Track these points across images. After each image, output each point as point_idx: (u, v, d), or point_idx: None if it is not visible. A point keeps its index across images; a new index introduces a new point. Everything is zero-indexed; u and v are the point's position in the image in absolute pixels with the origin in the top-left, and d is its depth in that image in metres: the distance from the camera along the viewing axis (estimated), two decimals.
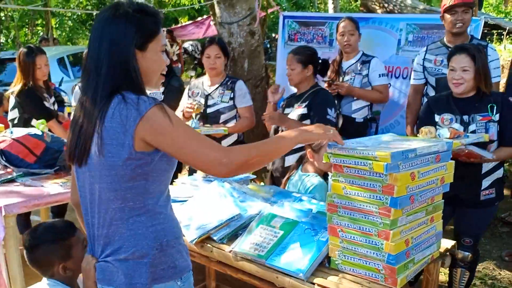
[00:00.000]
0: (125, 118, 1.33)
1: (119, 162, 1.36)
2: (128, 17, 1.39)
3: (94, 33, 1.43)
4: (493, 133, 2.50)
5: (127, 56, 1.38)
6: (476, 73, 2.48)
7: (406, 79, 3.89)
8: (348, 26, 3.56)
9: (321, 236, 1.84)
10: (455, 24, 3.04)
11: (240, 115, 3.36)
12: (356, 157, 1.60)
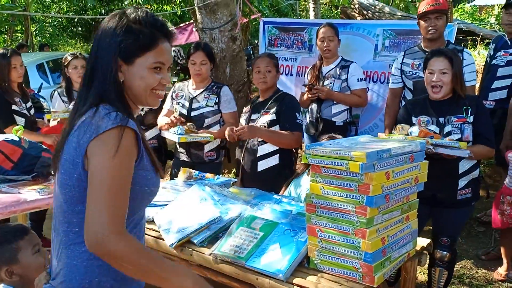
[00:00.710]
0: (83, 133, 1.22)
1: (69, 182, 1.26)
2: (119, 26, 1.28)
3: (94, 39, 1.35)
4: (468, 134, 2.56)
5: (107, 66, 1.28)
6: (453, 76, 2.55)
7: (384, 84, 3.96)
8: (328, 32, 3.61)
9: (300, 236, 1.87)
10: (429, 30, 3.13)
11: (225, 121, 3.36)
12: (333, 158, 1.63)
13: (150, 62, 1.31)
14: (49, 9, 17.82)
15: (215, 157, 3.40)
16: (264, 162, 3.03)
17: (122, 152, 1.20)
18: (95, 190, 1.18)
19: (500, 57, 3.52)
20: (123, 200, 1.20)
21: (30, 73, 7.40)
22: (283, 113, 3.07)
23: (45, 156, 2.99)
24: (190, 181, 2.65)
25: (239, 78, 4.94)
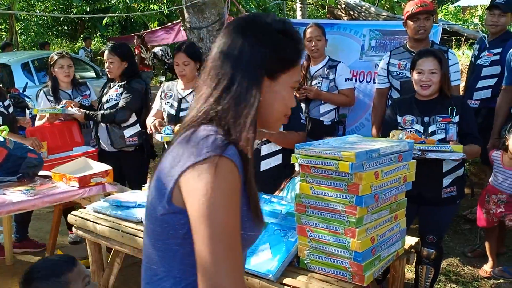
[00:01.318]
0: (178, 159, 1.01)
1: (152, 212, 1.08)
2: (267, 33, 1.08)
3: (220, 42, 1.10)
4: (452, 134, 2.60)
5: (250, 80, 1.05)
6: (442, 76, 2.58)
7: (370, 83, 4.00)
8: (315, 31, 3.63)
9: (290, 236, 1.87)
10: (418, 30, 3.16)
11: None
12: (323, 158, 1.64)
13: (293, 80, 1.12)
14: (34, 8, 17.57)
15: None
16: (267, 162, 2.97)
17: (226, 189, 0.98)
18: (204, 237, 0.96)
19: (484, 57, 3.57)
20: (238, 249, 0.99)
21: (15, 72, 7.29)
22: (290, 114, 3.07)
23: (30, 156, 2.96)
24: None
25: None
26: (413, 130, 2.62)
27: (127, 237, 2.22)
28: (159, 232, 1.06)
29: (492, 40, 3.58)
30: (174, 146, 1.06)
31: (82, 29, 20.55)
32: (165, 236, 1.05)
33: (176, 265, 1.06)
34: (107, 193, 2.89)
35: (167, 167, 1.04)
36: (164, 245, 1.06)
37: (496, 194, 3.14)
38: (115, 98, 3.58)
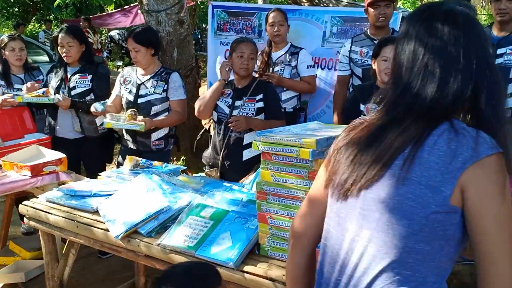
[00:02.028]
0: (453, 154, 0.97)
1: (419, 211, 0.99)
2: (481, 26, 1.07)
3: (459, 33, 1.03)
4: None
5: (491, 75, 1.02)
6: None
7: (331, 70, 4.01)
8: (278, 16, 3.60)
9: (250, 224, 1.86)
10: (378, 18, 3.18)
11: (171, 108, 3.25)
12: (284, 145, 1.62)
13: None
14: None
15: (163, 146, 3.30)
16: (251, 151, 2.94)
17: (506, 185, 0.95)
18: (502, 242, 0.94)
19: None
20: None
21: None
22: (269, 101, 3.03)
23: None
24: (137, 169, 2.56)
25: (187, 63, 4.84)
26: None
27: (82, 227, 2.14)
28: (426, 233, 0.99)
29: None
30: (436, 138, 1.00)
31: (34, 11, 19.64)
32: (432, 237, 0.98)
33: (433, 269, 1.00)
34: (61, 182, 2.78)
35: (436, 162, 0.98)
36: (426, 246, 0.99)
37: None
38: (84, 85, 3.42)
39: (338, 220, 1.12)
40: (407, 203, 1.00)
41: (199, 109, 3.11)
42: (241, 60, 2.98)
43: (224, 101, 3.08)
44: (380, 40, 2.83)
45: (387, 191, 1.02)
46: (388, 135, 1.06)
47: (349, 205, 1.10)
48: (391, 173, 1.03)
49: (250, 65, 3.01)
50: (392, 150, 1.04)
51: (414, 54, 1.06)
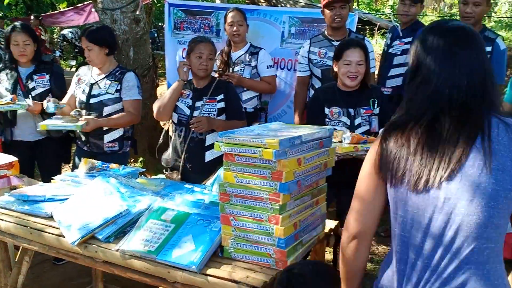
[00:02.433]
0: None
1: (503, 193, 1.18)
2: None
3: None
4: (375, 126, 2.69)
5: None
6: (367, 67, 2.64)
7: (291, 71, 4.04)
8: (237, 16, 3.58)
9: (213, 226, 1.83)
10: (334, 19, 3.23)
11: (124, 109, 3.15)
12: (246, 145, 1.61)
13: None
14: None
15: (118, 148, 3.20)
16: (213, 152, 2.90)
17: None
18: None
19: (396, 46, 3.74)
20: None
21: None
22: (230, 101, 3.00)
23: None
24: (93, 172, 2.47)
25: (144, 62, 4.74)
26: (340, 123, 2.67)
27: (36, 234, 2.05)
28: (505, 210, 1.19)
29: (403, 30, 3.76)
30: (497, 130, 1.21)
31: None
32: (506, 213, 1.20)
33: (501, 240, 1.22)
34: (13, 187, 2.64)
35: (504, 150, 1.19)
36: (502, 221, 1.20)
37: None
38: (44, 85, 3.28)
39: (418, 211, 1.24)
40: (493, 188, 1.18)
41: (158, 110, 3.04)
42: (200, 61, 2.93)
43: (184, 102, 3.02)
44: (341, 42, 2.84)
45: (473, 180, 1.19)
46: (444, 130, 1.22)
47: (430, 196, 1.22)
48: (471, 164, 1.19)
49: (209, 65, 2.97)
50: (462, 144, 1.20)
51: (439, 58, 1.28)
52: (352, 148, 2.34)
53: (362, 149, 2.34)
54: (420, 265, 1.24)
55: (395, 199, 1.29)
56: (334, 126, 2.66)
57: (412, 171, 1.23)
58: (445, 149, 1.21)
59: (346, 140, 2.39)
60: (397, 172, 1.26)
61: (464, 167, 1.19)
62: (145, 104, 4.30)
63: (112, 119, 3.10)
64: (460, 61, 1.26)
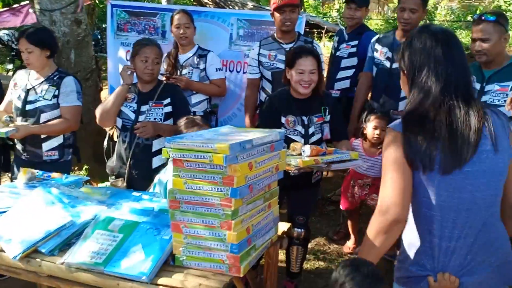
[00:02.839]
0: (504, 125, 1.50)
1: (506, 168, 1.49)
2: None
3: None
4: (326, 133, 2.71)
5: None
6: (319, 74, 2.65)
7: (240, 73, 4.03)
8: (183, 18, 3.52)
9: (164, 234, 1.78)
10: (284, 22, 3.25)
11: (62, 115, 2.98)
12: (196, 151, 1.57)
13: None
14: None
15: (58, 156, 3.04)
16: (160, 158, 2.80)
17: None
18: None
19: (343, 49, 3.81)
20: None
21: None
22: (178, 105, 2.92)
23: None
24: (33, 182, 2.34)
25: (87, 65, 4.56)
26: (296, 132, 2.68)
27: None
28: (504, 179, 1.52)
29: (349, 33, 3.84)
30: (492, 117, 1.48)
31: None
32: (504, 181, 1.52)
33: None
34: None
35: (501, 133, 1.48)
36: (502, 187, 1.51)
37: (362, 179, 3.38)
38: None
39: (444, 193, 1.47)
40: (501, 166, 1.48)
41: (101, 116, 2.91)
42: (146, 65, 2.85)
43: (129, 106, 2.92)
44: (293, 50, 2.78)
45: (488, 162, 1.45)
46: (456, 119, 1.45)
47: (457, 178, 1.45)
48: (483, 149, 1.45)
49: (155, 70, 2.89)
50: (474, 132, 1.44)
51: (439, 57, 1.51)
52: (313, 161, 2.31)
53: (322, 162, 2.32)
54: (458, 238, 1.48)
55: (426, 183, 1.47)
56: (289, 135, 2.66)
57: (441, 156, 1.44)
58: (464, 136, 1.44)
59: (306, 152, 2.36)
60: (430, 159, 1.44)
61: (479, 151, 1.44)
62: (89, 109, 4.14)
63: (46, 126, 2.94)
64: (456, 58, 1.50)
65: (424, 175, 1.46)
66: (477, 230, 1.49)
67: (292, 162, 2.25)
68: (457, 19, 9.35)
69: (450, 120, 1.45)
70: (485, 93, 2.64)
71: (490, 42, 2.57)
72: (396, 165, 1.48)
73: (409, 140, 1.47)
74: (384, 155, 1.54)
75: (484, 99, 2.63)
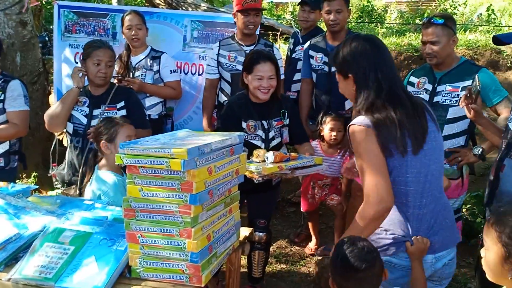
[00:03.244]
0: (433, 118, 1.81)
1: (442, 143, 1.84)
2: None
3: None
4: (285, 137, 2.70)
5: None
6: (277, 79, 2.62)
7: (196, 75, 3.96)
8: (135, 19, 3.42)
9: (119, 245, 1.69)
10: (248, 25, 3.23)
11: (9, 120, 2.83)
12: (152, 156, 1.50)
13: None
14: None
15: (4, 164, 2.87)
16: None
17: None
18: None
19: (298, 51, 3.82)
20: None
21: None
22: (132, 109, 2.82)
23: None
24: None
25: (33, 68, 4.35)
26: (257, 137, 2.64)
27: None
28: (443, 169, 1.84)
29: (304, 35, 3.86)
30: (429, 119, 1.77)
31: None
32: None
33: None
34: None
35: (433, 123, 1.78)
36: None
37: (322, 180, 3.39)
38: None
39: (415, 170, 1.69)
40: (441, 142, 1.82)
41: (50, 121, 2.77)
42: (98, 68, 2.74)
43: (80, 110, 2.79)
44: (251, 56, 2.71)
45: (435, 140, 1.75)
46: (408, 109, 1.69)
47: (420, 155, 1.69)
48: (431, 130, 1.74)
49: (109, 73, 2.80)
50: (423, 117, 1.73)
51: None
52: (277, 168, 2.27)
53: (286, 168, 2.29)
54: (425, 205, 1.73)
55: (400, 166, 1.68)
56: (250, 140, 2.63)
57: (412, 140, 1.68)
58: (418, 122, 1.70)
59: (269, 159, 2.31)
60: (404, 144, 1.66)
61: (429, 132, 1.72)
62: (37, 113, 3.95)
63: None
64: (388, 59, 1.77)
65: (397, 159, 1.67)
66: (436, 197, 1.75)
67: (255, 169, 2.23)
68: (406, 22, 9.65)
69: (405, 110, 1.69)
70: (437, 94, 2.70)
71: (439, 45, 2.63)
72: (378, 157, 1.65)
73: (383, 132, 1.65)
74: (359, 151, 1.68)
75: (437, 100, 2.69)
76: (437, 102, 2.68)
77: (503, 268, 1.22)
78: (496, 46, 6.09)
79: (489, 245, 1.27)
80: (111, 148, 2.37)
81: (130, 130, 2.44)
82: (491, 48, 5.99)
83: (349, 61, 1.74)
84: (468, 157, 2.59)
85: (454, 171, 2.68)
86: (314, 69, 3.43)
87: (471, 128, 2.68)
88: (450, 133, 2.67)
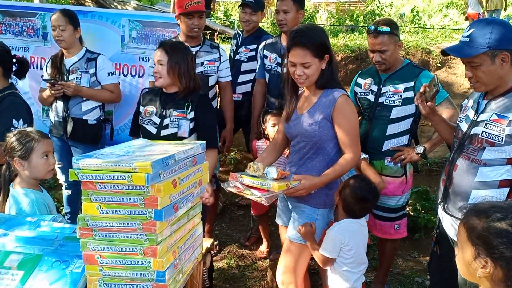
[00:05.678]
0: None
1: None
2: None
3: None
4: (184, 129, 2.58)
5: None
6: (169, 68, 2.53)
7: (135, 77, 3.79)
8: (59, 20, 3.20)
9: (74, 267, 1.56)
10: (192, 28, 3.15)
11: None
12: (111, 171, 1.39)
13: None
14: None
15: None
16: None
17: None
18: None
19: (242, 53, 3.77)
20: None
21: None
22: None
23: None
24: None
25: None
26: (150, 122, 2.61)
27: None
28: None
29: (247, 37, 3.82)
30: None
31: None
32: None
33: None
34: None
35: None
36: None
37: None
38: None
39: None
40: None
41: None
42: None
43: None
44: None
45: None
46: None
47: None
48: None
49: None
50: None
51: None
52: (285, 186, 2.04)
53: (292, 187, 2.08)
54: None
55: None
56: (143, 124, 2.62)
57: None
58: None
59: (272, 174, 2.07)
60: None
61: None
62: None
63: None
64: None
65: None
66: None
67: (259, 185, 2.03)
68: (337, 23, 9.93)
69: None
70: (382, 95, 2.79)
71: (388, 53, 2.70)
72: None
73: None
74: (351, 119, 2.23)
75: (381, 100, 2.78)
76: (381, 102, 2.76)
77: (472, 267, 1.27)
78: (426, 47, 6.48)
79: (462, 245, 1.31)
80: (25, 166, 2.12)
81: (48, 145, 2.18)
82: (421, 49, 6.33)
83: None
84: (411, 156, 2.70)
85: (398, 169, 2.77)
86: (267, 69, 3.43)
87: (413, 128, 2.79)
88: (393, 132, 2.76)
